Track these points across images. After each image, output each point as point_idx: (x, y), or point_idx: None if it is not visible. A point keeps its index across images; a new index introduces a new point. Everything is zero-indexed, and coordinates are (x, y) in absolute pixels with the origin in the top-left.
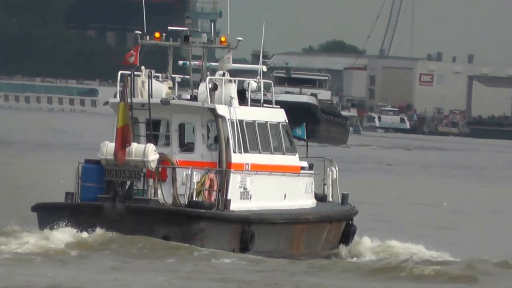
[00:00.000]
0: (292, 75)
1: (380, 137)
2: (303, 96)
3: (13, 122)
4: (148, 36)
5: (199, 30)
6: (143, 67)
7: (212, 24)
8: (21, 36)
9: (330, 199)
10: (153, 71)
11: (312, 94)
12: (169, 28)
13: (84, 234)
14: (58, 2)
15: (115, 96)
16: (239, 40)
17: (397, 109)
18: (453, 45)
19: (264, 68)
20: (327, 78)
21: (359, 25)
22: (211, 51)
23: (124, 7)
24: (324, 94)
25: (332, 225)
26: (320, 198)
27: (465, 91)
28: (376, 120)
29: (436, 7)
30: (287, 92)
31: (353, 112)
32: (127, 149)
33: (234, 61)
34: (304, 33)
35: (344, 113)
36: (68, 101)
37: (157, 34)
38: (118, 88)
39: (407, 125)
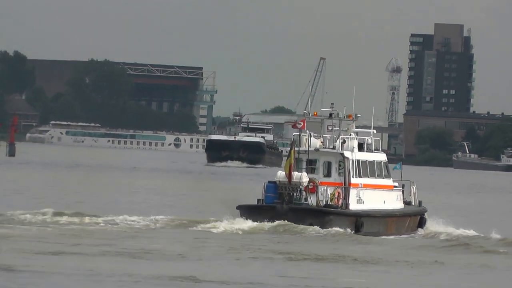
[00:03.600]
0: (250, 126)
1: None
2: (256, 138)
3: (121, 156)
4: (310, 113)
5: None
6: (307, 130)
7: (211, 96)
8: (103, 105)
9: (413, 204)
10: (312, 133)
11: (261, 137)
12: (322, 109)
13: (266, 223)
14: (124, 85)
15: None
16: (358, 116)
17: None
18: (346, 107)
19: (375, 131)
20: (270, 127)
21: (292, 95)
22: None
23: (161, 88)
24: (269, 137)
25: (411, 218)
26: (407, 203)
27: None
28: None
29: (336, 83)
30: (247, 135)
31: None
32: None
33: None
34: (260, 99)
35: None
36: (148, 143)
37: (315, 113)
38: (292, 143)
39: None
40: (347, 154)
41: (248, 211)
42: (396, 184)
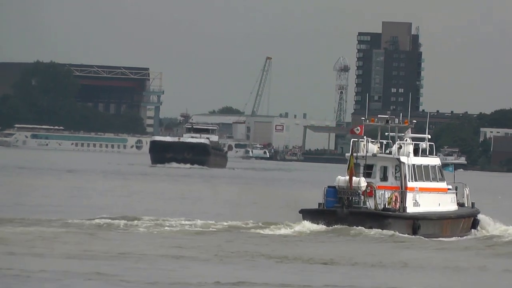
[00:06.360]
0: (194, 126)
1: (252, 162)
2: (201, 139)
3: (84, 158)
4: (367, 120)
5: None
6: (365, 136)
7: (158, 97)
8: (50, 107)
9: (466, 205)
10: (369, 139)
11: (206, 138)
12: (379, 116)
13: (326, 226)
14: (71, 87)
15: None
16: (415, 122)
17: (262, 146)
18: (294, 106)
19: (429, 136)
20: (215, 128)
21: (240, 96)
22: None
23: (107, 89)
24: (214, 138)
25: (465, 219)
26: (461, 204)
27: (302, 134)
28: (250, 152)
29: (283, 83)
30: (192, 137)
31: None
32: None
33: None
34: (209, 99)
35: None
36: (111, 146)
37: (372, 119)
38: (351, 148)
39: (267, 155)
40: (403, 159)
41: (310, 215)
42: (450, 186)
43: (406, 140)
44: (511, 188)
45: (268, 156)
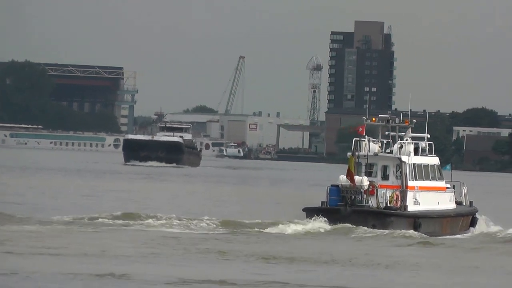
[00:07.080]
0: (168, 125)
1: (226, 161)
2: (174, 137)
3: (66, 158)
4: (368, 119)
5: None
6: (366, 136)
7: (132, 96)
8: (25, 106)
9: (464, 204)
10: (371, 138)
11: (180, 136)
12: (380, 116)
13: (330, 225)
14: (45, 86)
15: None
16: (415, 122)
17: (236, 145)
18: (267, 105)
19: (428, 135)
20: (189, 126)
21: (214, 95)
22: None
23: (82, 88)
24: (187, 136)
25: (464, 218)
26: (459, 203)
27: (275, 133)
28: (224, 151)
29: (257, 82)
30: (165, 135)
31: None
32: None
33: None
34: (183, 98)
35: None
36: (89, 144)
37: (373, 118)
38: (353, 147)
39: (241, 154)
40: (404, 158)
41: (314, 213)
42: (448, 185)
43: (406, 140)
44: (483, 188)
45: (242, 155)
